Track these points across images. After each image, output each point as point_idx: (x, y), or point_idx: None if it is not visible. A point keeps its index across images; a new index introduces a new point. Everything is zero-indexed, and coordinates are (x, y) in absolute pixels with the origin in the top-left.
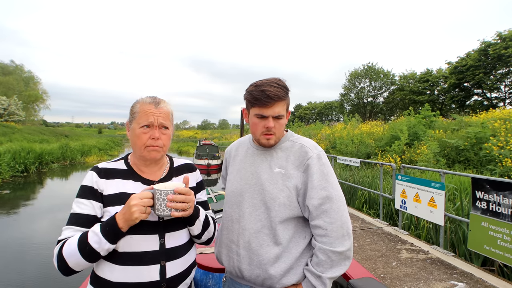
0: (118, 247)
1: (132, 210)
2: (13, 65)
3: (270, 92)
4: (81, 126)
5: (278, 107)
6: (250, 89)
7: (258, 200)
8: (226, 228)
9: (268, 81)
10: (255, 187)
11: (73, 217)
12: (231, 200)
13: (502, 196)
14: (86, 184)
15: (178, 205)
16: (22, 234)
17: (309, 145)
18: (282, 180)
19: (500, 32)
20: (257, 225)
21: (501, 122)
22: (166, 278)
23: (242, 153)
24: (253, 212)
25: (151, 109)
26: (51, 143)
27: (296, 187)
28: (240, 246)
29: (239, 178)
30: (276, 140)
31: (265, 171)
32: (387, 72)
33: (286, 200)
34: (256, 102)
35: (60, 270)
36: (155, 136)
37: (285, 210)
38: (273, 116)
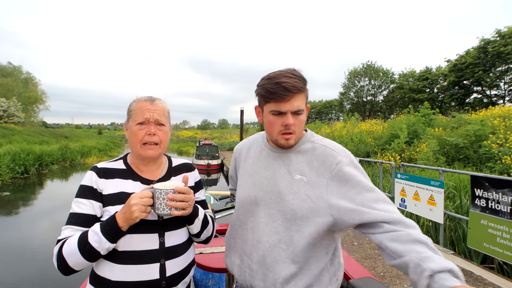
0: (118, 246)
1: (132, 210)
2: (11, 67)
3: (286, 83)
4: (81, 127)
5: (297, 100)
6: (262, 83)
7: (275, 210)
8: (240, 236)
9: (282, 72)
10: (271, 195)
11: (72, 217)
12: (244, 208)
13: (501, 194)
14: (86, 184)
15: (178, 204)
16: (22, 235)
17: (335, 147)
18: (304, 189)
19: (499, 29)
20: (273, 239)
21: (501, 120)
22: (166, 276)
23: (254, 155)
24: (269, 224)
25: (146, 105)
26: (51, 145)
27: (321, 197)
28: (254, 260)
29: (252, 183)
30: (296, 139)
31: (283, 178)
32: (386, 71)
33: (308, 212)
34: (271, 97)
35: (60, 270)
36: (151, 132)
37: (307, 224)
38: (291, 112)
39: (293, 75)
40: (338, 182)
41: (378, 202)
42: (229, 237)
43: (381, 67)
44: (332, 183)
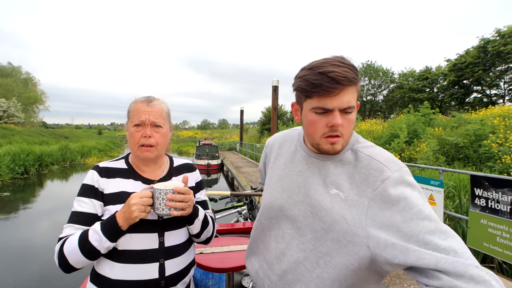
0: (118, 245)
1: (132, 209)
2: (11, 67)
3: (335, 73)
4: (80, 127)
5: (347, 94)
6: (303, 74)
7: (304, 223)
8: (262, 241)
9: (328, 60)
10: (301, 206)
11: (74, 215)
12: (269, 213)
13: (501, 193)
14: (87, 183)
15: (177, 204)
16: (22, 236)
17: (383, 159)
18: (339, 207)
19: (499, 29)
20: (298, 255)
21: (500, 119)
22: (165, 276)
23: (287, 155)
24: (296, 237)
25: (143, 107)
26: (51, 145)
27: (359, 222)
28: (274, 271)
29: (281, 188)
30: (344, 144)
31: (317, 190)
32: (386, 70)
33: (341, 236)
34: (314, 90)
35: (61, 267)
36: (146, 134)
37: (339, 251)
38: (340, 109)
39: (342, 63)
40: (382, 204)
41: (435, 235)
42: (251, 240)
43: (381, 67)
44: (374, 205)
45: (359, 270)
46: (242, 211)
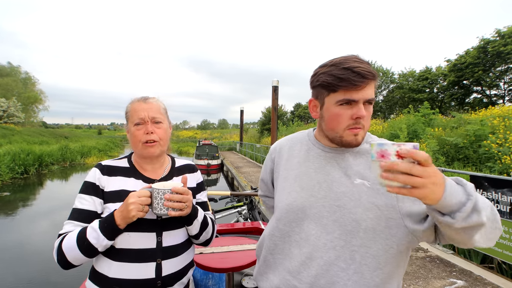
0: (116, 244)
1: (130, 208)
2: (10, 66)
3: (360, 68)
4: (80, 127)
5: (371, 88)
6: (326, 70)
7: (330, 220)
8: (281, 251)
9: (348, 57)
10: (324, 201)
11: (74, 212)
12: (287, 216)
13: (501, 194)
14: (89, 180)
15: (175, 205)
16: (22, 235)
17: None
18: (367, 195)
19: (499, 29)
20: (329, 255)
21: (500, 120)
22: (162, 276)
23: (300, 154)
24: (322, 236)
25: (140, 105)
26: (51, 145)
27: (391, 205)
28: (302, 280)
29: (299, 187)
30: (363, 136)
31: (340, 182)
32: (386, 71)
33: (375, 224)
34: (341, 84)
35: (60, 264)
36: (148, 131)
37: (375, 239)
38: (364, 101)
39: (361, 60)
40: None
41: None
42: (265, 252)
43: (381, 67)
44: None
45: (399, 253)
46: (242, 211)
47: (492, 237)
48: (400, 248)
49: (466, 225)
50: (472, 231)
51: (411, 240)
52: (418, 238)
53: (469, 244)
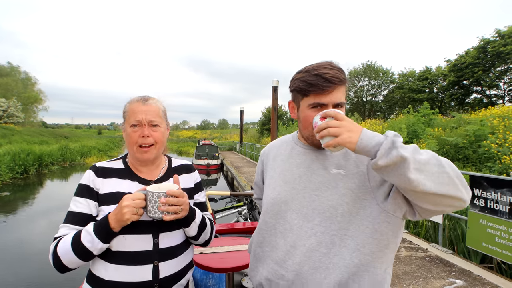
0: (111, 246)
1: (123, 211)
2: (9, 66)
3: (328, 74)
4: (80, 127)
5: (339, 92)
6: (299, 76)
7: (310, 209)
8: (269, 243)
9: (321, 64)
10: (304, 192)
11: (69, 215)
12: (272, 209)
13: (500, 194)
14: (83, 182)
15: (170, 208)
16: (21, 235)
17: None
18: (343, 182)
19: (499, 29)
20: (310, 241)
21: (500, 120)
22: (159, 278)
23: (285, 153)
24: (304, 225)
25: (139, 107)
26: (51, 145)
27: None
28: (288, 269)
29: (283, 182)
30: None
31: (318, 173)
32: (386, 71)
33: (351, 207)
34: (311, 89)
35: (55, 267)
36: (144, 134)
37: (351, 221)
38: (333, 104)
39: (332, 66)
40: None
41: None
42: (255, 246)
43: (381, 67)
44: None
45: (375, 232)
46: (242, 211)
47: (442, 181)
48: (376, 227)
49: (389, 162)
50: (401, 170)
51: (385, 218)
52: (391, 212)
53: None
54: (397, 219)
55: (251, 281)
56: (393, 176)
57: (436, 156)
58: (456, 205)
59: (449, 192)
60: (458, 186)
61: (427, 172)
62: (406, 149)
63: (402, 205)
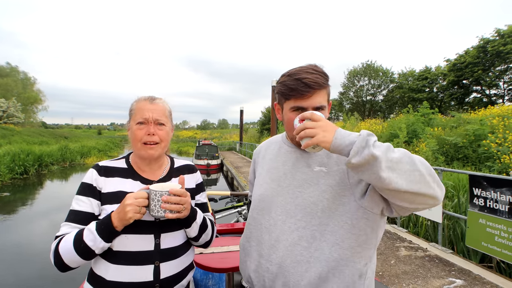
0: (113, 246)
1: (126, 210)
2: (9, 67)
3: (307, 79)
4: (80, 127)
5: (319, 96)
6: (282, 80)
7: (293, 205)
8: (255, 238)
9: (303, 68)
10: (288, 189)
11: (71, 214)
12: (259, 206)
13: (499, 193)
14: (86, 181)
15: (172, 207)
16: (21, 235)
17: None
18: (324, 179)
19: (498, 28)
20: (293, 236)
21: (499, 119)
22: (160, 279)
23: (273, 152)
24: (287, 220)
25: (146, 105)
26: (51, 145)
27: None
28: (273, 262)
29: (269, 179)
30: None
31: (302, 171)
32: (386, 70)
33: (331, 203)
34: (291, 94)
35: (56, 266)
36: (150, 132)
37: (330, 217)
38: (313, 108)
39: (314, 70)
40: None
41: None
42: (243, 240)
43: (381, 67)
44: None
45: (353, 227)
46: (242, 211)
47: (414, 179)
48: (354, 222)
49: (361, 160)
50: (373, 168)
51: (363, 214)
52: (368, 209)
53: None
54: (375, 216)
55: (242, 274)
56: (367, 175)
57: (409, 154)
58: (430, 202)
59: (421, 190)
60: (430, 184)
61: (399, 171)
62: (379, 148)
63: (379, 202)
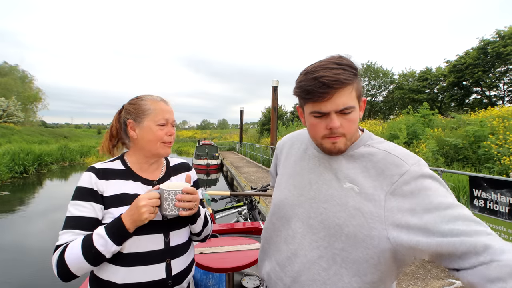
0: (123, 249)
1: (142, 211)
2: (8, 66)
3: (325, 78)
4: (80, 127)
5: (342, 96)
6: (299, 79)
7: (316, 221)
8: (274, 243)
9: (322, 62)
10: (313, 202)
11: (71, 221)
12: (278, 212)
13: (500, 194)
14: (85, 185)
15: (186, 205)
16: (21, 235)
17: (400, 153)
18: (354, 201)
19: (499, 30)
20: (312, 254)
21: (500, 120)
22: (172, 275)
23: (298, 153)
24: (307, 236)
25: (165, 106)
26: (50, 144)
27: (376, 215)
28: (287, 274)
29: (292, 185)
30: (347, 143)
31: (329, 184)
32: (386, 71)
33: (358, 231)
34: (307, 97)
35: (60, 276)
36: (172, 133)
37: (356, 245)
38: (336, 111)
39: (336, 64)
40: (401, 197)
41: (458, 222)
42: (263, 241)
43: (381, 67)
44: (392, 198)
45: (380, 264)
46: (242, 211)
47: None
48: (381, 260)
49: None
50: None
51: (394, 254)
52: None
53: None
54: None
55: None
56: None
57: None
58: None
59: None
60: None
61: None
62: None
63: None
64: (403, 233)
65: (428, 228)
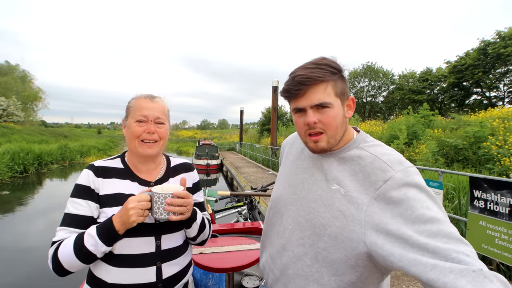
0: (114, 249)
1: (130, 213)
2: (8, 65)
3: (300, 76)
4: (80, 126)
5: (316, 93)
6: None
7: (304, 219)
8: (269, 237)
9: (305, 63)
10: (303, 201)
11: (68, 218)
12: (274, 208)
13: (500, 195)
14: (82, 183)
15: (176, 209)
16: (21, 235)
17: (388, 158)
18: (339, 202)
19: (499, 31)
20: (298, 250)
21: (500, 121)
22: (162, 279)
23: (296, 152)
24: (295, 232)
25: (146, 103)
26: (50, 144)
27: (357, 218)
28: (276, 266)
29: (287, 183)
30: (331, 141)
31: (319, 185)
32: (386, 72)
33: (339, 232)
34: (286, 95)
35: (55, 271)
36: (150, 130)
37: (336, 246)
38: (311, 106)
39: (314, 64)
40: (383, 204)
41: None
42: (263, 235)
43: (381, 68)
44: (375, 203)
45: (357, 266)
46: (242, 211)
47: None
48: (359, 263)
49: None
50: None
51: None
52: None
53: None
54: None
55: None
56: None
57: None
58: None
59: None
60: None
61: None
62: None
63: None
64: (379, 239)
65: (404, 239)
